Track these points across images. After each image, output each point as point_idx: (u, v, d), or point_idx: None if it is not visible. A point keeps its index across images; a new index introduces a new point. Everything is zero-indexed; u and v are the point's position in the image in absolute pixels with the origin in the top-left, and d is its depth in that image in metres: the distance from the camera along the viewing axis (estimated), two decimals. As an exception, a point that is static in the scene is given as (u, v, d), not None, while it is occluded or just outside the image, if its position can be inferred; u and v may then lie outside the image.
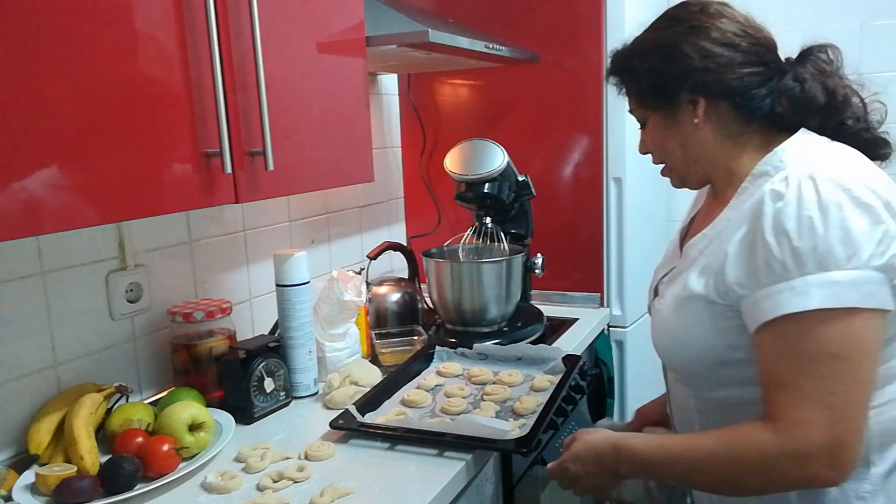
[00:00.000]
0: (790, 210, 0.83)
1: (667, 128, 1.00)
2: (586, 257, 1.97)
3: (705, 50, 0.93)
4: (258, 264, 1.63)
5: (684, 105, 0.97)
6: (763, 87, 0.93)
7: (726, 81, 0.93)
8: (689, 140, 0.98)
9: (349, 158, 1.34)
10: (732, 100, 0.94)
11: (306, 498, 1.01)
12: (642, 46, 1.00)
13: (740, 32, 0.94)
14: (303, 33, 1.19)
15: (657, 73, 0.97)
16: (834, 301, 0.80)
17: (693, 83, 0.94)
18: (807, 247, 0.81)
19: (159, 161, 0.95)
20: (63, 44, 0.82)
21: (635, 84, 1.02)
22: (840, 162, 0.89)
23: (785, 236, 0.82)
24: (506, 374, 1.43)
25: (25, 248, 1.16)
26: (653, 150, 1.05)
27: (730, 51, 0.93)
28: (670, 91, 0.97)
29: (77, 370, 1.24)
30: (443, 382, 1.42)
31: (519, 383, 1.40)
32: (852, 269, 0.80)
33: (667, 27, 0.98)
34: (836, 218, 0.81)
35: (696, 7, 0.97)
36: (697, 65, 0.93)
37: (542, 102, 1.97)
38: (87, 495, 0.98)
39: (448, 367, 1.48)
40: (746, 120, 0.96)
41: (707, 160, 0.99)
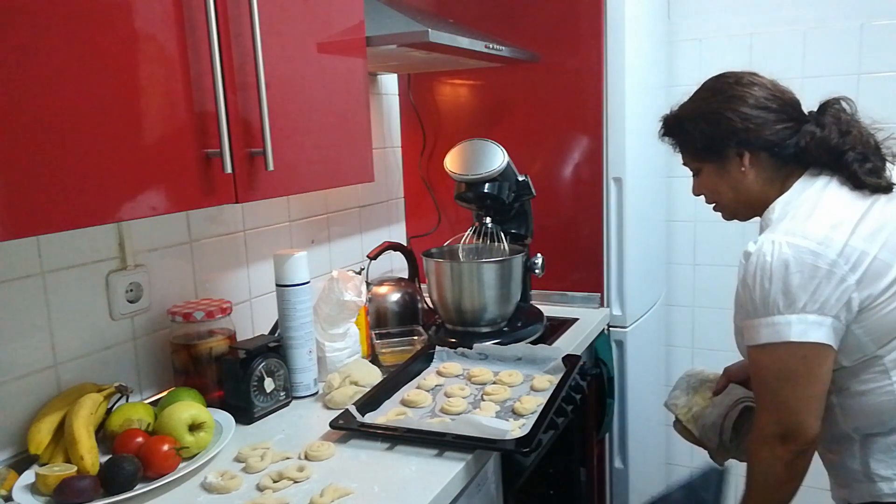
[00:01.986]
0: (750, 268, 1.10)
1: (719, 176, 1.23)
2: (586, 257, 1.97)
3: (745, 114, 1.17)
4: (258, 264, 1.63)
5: (732, 157, 1.20)
6: (793, 138, 1.17)
7: (764, 137, 1.17)
8: (738, 184, 1.22)
9: (349, 158, 1.34)
10: (770, 150, 1.18)
11: (306, 498, 1.02)
12: (691, 114, 1.24)
13: (770, 97, 1.18)
14: (303, 33, 1.19)
15: (707, 134, 1.21)
16: (775, 336, 1.08)
17: (738, 140, 1.18)
18: (758, 297, 1.09)
19: (159, 161, 0.95)
20: (63, 43, 0.82)
21: (689, 143, 1.25)
22: (809, 218, 1.10)
23: (748, 288, 1.10)
24: (506, 374, 1.43)
25: (25, 248, 1.16)
26: (706, 193, 1.29)
27: (764, 112, 1.17)
28: (719, 147, 1.20)
29: (77, 370, 1.24)
30: (443, 382, 1.42)
31: (519, 383, 1.41)
32: (790, 314, 1.06)
33: (710, 97, 1.22)
34: (780, 276, 1.06)
35: (732, 79, 1.21)
36: (739, 126, 1.17)
37: (542, 102, 1.97)
38: (87, 495, 0.98)
39: (448, 367, 1.47)
40: (781, 164, 1.19)
41: (753, 199, 1.22)
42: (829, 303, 1.06)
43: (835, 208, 1.12)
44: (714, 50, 2.34)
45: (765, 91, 1.18)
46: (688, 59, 2.37)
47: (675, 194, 2.48)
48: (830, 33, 2.20)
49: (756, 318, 1.10)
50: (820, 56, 2.22)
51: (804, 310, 1.06)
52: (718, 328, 2.47)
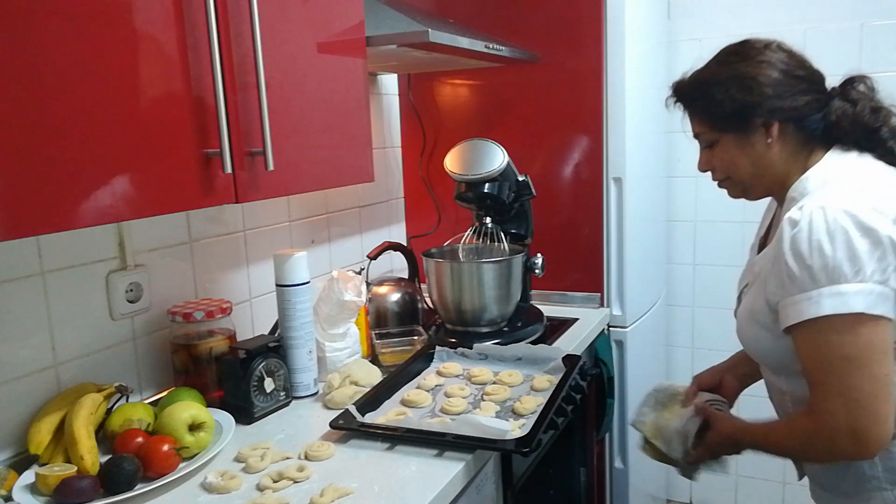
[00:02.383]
0: (802, 235, 0.99)
1: (740, 147, 1.14)
2: (586, 257, 1.97)
3: (777, 81, 1.09)
4: (258, 264, 1.63)
5: (758, 128, 1.11)
6: (821, 112, 1.10)
7: (795, 107, 1.09)
8: (760, 158, 1.13)
9: (349, 158, 1.34)
10: (798, 122, 1.10)
11: (306, 498, 1.02)
12: (719, 77, 1.14)
13: (799, 66, 1.11)
14: (303, 33, 1.19)
15: (737, 102, 1.10)
16: (842, 307, 0.96)
17: (769, 109, 1.09)
18: (818, 265, 0.97)
19: (159, 161, 0.95)
20: (63, 44, 0.82)
21: (713, 110, 1.15)
22: (854, 187, 1.03)
23: (800, 257, 0.99)
24: (506, 374, 1.43)
25: (25, 248, 1.16)
26: (720, 167, 1.18)
27: (795, 81, 1.09)
28: (747, 116, 1.10)
29: (77, 370, 1.24)
30: (443, 382, 1.42)
31: (519, 383, 1.40)
32: (858, 283, 0.96)
33: (738, 61, 1.13)
34: (842, 241, 0.97)
35: (760, 45, 1.13)
36: (771, 93, 1.08)
37: (542, 102, 1.97)
38: (87, 495, 0.98)
39: (448, 368, 1.47)
40: (806, 139, 1.12)
41: (773, 174, 1.14)
42: (891, 274, 0.97)
43: (878, 180, 1.05)
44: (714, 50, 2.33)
45: (795, 60, 1.11)
46: (688, 59, 2.35)
47: (675, 194, 2.48)
48: (830, 33, 2.20)
49: (815, 288, 0.98)
50: (820, 56, 2.19)
51: (872, 278, 0.96)
52: (718, 328, 2.48)
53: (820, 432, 1.03)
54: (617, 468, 2.06)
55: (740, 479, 2.55)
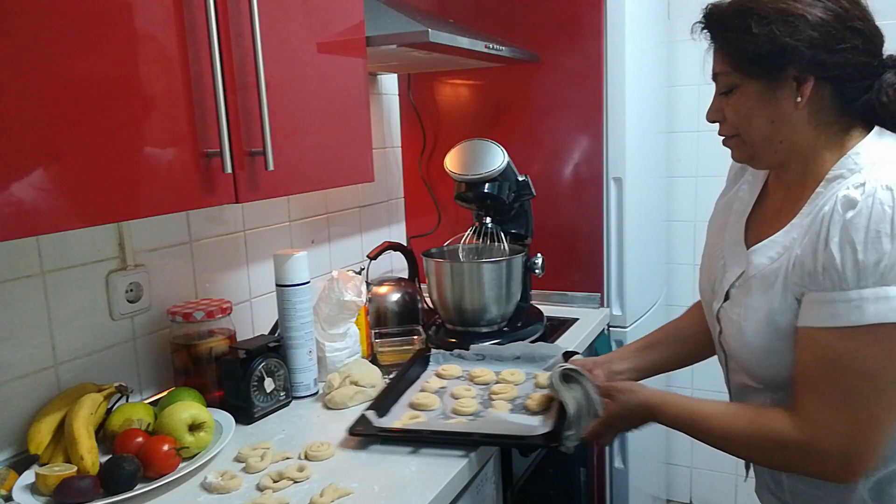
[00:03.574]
0: (860, 221, 0.82)
1: (761, 100, 0.94)
2: (586, 257, 1.97)
3: (831, 27, 0.88)
4: (258, 264, 1.63)
5: (789, 81, 0.92)
6: (870, 79, 0.91)
7: (841, 65, 0.89)
8: (781, 118, 0.94)
9: (349, 158, 1.34)
10: (840, 86, 0.91)
11: (306, 498, 1.01)
12: (763, 8, 0.91)
13: (863, 17, 0.91)
14: (303, 33, 1.19)
15: (775, 41, 0.89)
16: (890, 315, 0.81)
17: (810, 59, 0.89)
18: (870, 261, 0.81)
19: (159, 161, 0.95)
20: (63, 43, 0.82)
21: (743, 46, 0.93)
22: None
23: (850, 247, 0.83)
24: (507, 373, 1.42)
25: (25, 248, 1.16)
26: (732, 120, 0.98)
27: (853, 35, 0.89)
28: (783, 62, 0.90)
29: (77, 370, 1.24)
30: (445, 385, 1.41)
31: (523, 381, 1.39)
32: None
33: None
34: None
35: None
36: (819, 42, 0.88)
37: (542, 102, 1.97)
38: (87, 495, 0.98)
39: (447, 370, 1.46)
40: (842, 110, 0.93)
41: (792, 143, 0.95)
42: None
43: None
44: (714, 50, 2.33)
45: (859, 9, 0.91)
46: (688, 59, 2.37)
47: (675, 194, 2.48)
48: (830, 33, 2.19)
49: (857, 288, 0.82)
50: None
51: None
52: (718, 328, 2.48)
53: (804, 443, 0.88)
54: (617, 468, 2.06)
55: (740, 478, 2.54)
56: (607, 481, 2.04)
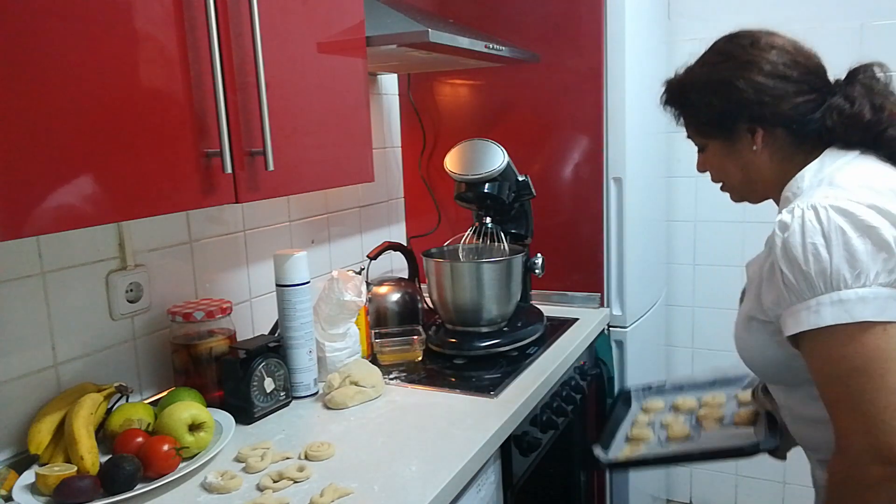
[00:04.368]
0: (795, 239, 0.90)
1: (727, 154, 1.07)
2: (586, 257, 1.97)
3: (760, 84, 1.00)
4: (258, 264, 1.63)
5: (742, 133, 1.04)
6: (816, 112, 1.00)
7: (781, 112, 1.00)
8: (748, 164, 1.06)
9: (349, 158, 1.34)
10: (789, 127, 1.01)
11: (306, 498, 1.02)
12: (698, 81, 1.06)
13: (791, 63, 1.01)
14: (303, 33, 1.20)
15: (715, 107, 1.04)
16: (845, 317, 0.87)
17: (750, 115, 1.01)
18: (815, 271, 0.88)
19: (159, 161, 0.95)
20: (63, 44, 0.82)
21: (694, 116, 1.09)
22: (852, 185, 0.94)
23: (794, 263, 0.90)
24: (709, 397, 1.40)
25: (25, 248, 1.16)
26: (713, 172, 1.13)
27: (783, 83, 1.00)
28: (728, 123, 1.04)
29: (77, 370, 1.24)
30: (653, 419, 1.39)
31: (724, 402, 1.38)
32: (860, 287, 0.86)
33: (720, 62, 1.05)
34: (839, 242, 0.88)
35: (747, 41, 1.05)
36: (753, 98, 1.00)
37: (542, 102, 1.97)
38: (87, 495, 0.98)
39: (651, 405, 1.44)
40: (799, 141, 1.02)
41: (765, 181, 1.07)
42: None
43: (879, 179, 0.95)
44: (714, 50, 2.33)
45: (784, 56, 1.01)
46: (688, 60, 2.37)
47: (675, 194, 2.48)
48: (830, 33, 2.20)
49: (813, 297, 0.89)
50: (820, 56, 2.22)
51: (876, 281, 0.86)
52: (718, 328, 2.48)
53: (845, 459, 0.90)
54: (617, 468, 2.06)
55: (740, 478, 2.55)
56: (607, 481, 2.04)
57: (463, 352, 1.62)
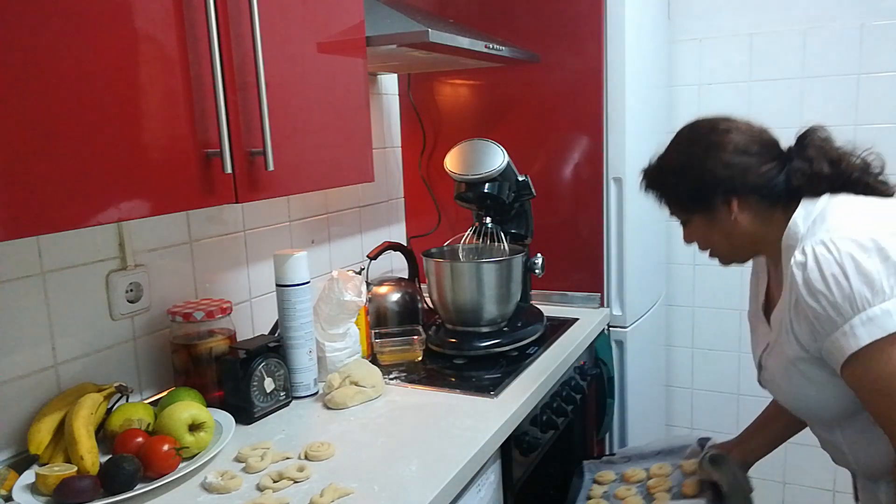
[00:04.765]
0: (815, 275, 0.99)
1: (709, 226, 1.18)
2: (586, 257, 1.97)
3: (727, 162, 1.11)
4: (258, 264, 1.63)
5: (720, 206, 1.14)
6: (780, 176, 1.11)
7: (750, 182, 1.11)
8: (730, 232, 1.16)
9: (349, 158, 1.34)
10: (759, 193, 1.12)
11: (306, 498, 1.02)
12: (673, 167, 1.19)
13: (749, 139, 1.13)
14: (303, 33, 1.20)
15: (691, 187, 1.16)
16: (878, 332, 0.95)
17: (724, 189, 1.12)
18: (839, 298, 0.97)
19: (159, 161, 0.95)
20: (63, 44, 0.82)
21: (674, 197, 1.21)
22: (844, 216, 1.04)
23: (821, 295, 0.99)
24: (656, 468, 1.48)
25: (25, 248, 1.16)
26: (699, 243, 1.23)
27: (746, 157, 1.11)
28: (706, 199, 1.14)
29: (77, 370, 1.24)
30: (606, 489, 1.48)
31: (671, 472, 1.46)
32: (883, 302, 0.95)
33: (688, 148, 1.17)
34: (853, 267, 0.97)
35: (707, 127, 1.16)
36: (723, 174, 1.11)
37: (542, 102, 1.97)
38: (87, 495, 0.98)
39: (603, 476, 1.52)
40: (773, 201, 1.13)
41: (750, 243, 1.17)
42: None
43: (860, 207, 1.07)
44: (714, 50, 2.34)
45: (742, 135, 1.13)
46: (688, 59, 2.37)
47: (675, 194, 2.48)
48: (830, 33, 2.20)
49: (845, 322, 0.98)
50: (820, 56, 2.22)
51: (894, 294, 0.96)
52: (718, 328, 2.48)
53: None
54: (617, 468, 2.06)
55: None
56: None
57: (463, 352, 1.62)
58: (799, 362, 1.09)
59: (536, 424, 1.47)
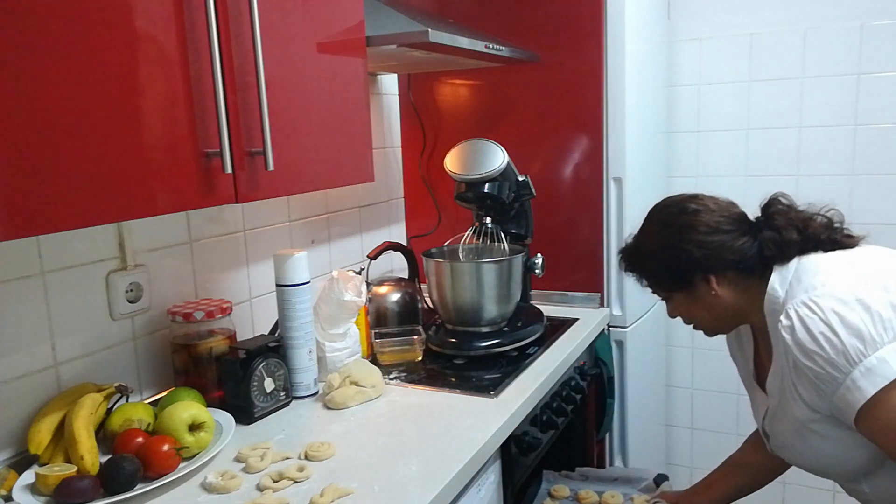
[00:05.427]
0: (804, 335, 1.02)
1: (692, 302, 1.21)
2: (586, 257, 1.97)
3: (701, 242, 1.15)
4: (258, 264, 1.63)
5: (700, 283, 1.17)
6: (753, 248, 1.15)
7: (726, 258, 1.15)
8: (713, 306, 1.19)
9: (349, 158, 1.34)
10: (736, 267, 1.15)
11: (306, 498, 1.02)
12: (650, 250, 1.22)
13: (719, 218, 1.16)
14: (303, 33, 1.19)
15: (671, 269, 1.19)
16: (881, 381, 0.97)
17: (702, 268, 1.16)
18: (834, 354, 1.00)
19: (159, 161, 0.95)
20: (63, 44, 0.82)
21: (655, 278, 1.24)
22: (818, 276, 1.08)
23: (815, 354, 1.01)
24: (608, 495, 1.49)
25: (25, 248, 1.16)
26: (683, 317, 1.26)
27: (719, 235, 1.15)
28: (685, 279, 1.18)
29: (77, 370, 1.24)
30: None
31: (622, 502, 1.47)
32: (878, 351, 0.98)
33: (661, 231, 1.20)
34: (839, 322, 1.00)
35: (676, 209, 1.20)
36: (699, 255, 1.15)
37: (542, 102, 1.97)
38: (87, 495, 0.98)
39: (558, 490, 1.53)
40: (749, 272, 1.16)
41: (733, 314, 1.20)
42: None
43: (832, 263, 1.10)
44: (714, 50, 2.34)
45: (711, 214, 1.17)
46: (688, 59, 2.37)
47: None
48: (830, 33, 2.20)
49: (846, 377, 1.00)
50: (820, 56, 2.22)
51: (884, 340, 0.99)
52: (718, 328, 2.48)
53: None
54: (617, 468, 2.06)
55: (740, 479, 2.54)
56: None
57: (463, 352, 1.62)
58: (812, 423, 1.10)
59: (536, 424, 1.47)
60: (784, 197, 1.20)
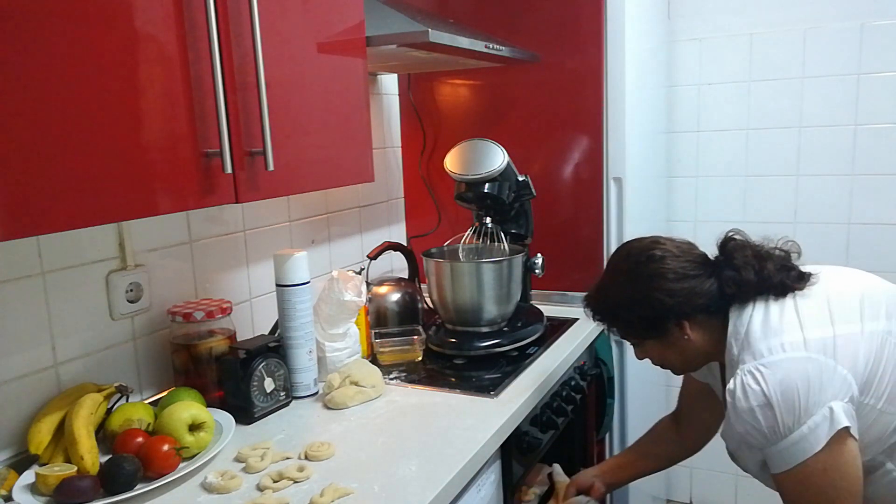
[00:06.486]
0: (742, 405, 1.07)
1: (664, 347, 1.23)
2: (586, 257, 1.97)
3: (671, 290, 1.16)
4: (258, 264, 1.63)
5: (673, 329, 1.20)
6: (714, 288, 1.17)
7: (696, 302, 1.17)
8: (684, 349, 1.22)
9: (349, 158, 1.34)
10: (706, 311, 1.18)
11: (306, 498, 1.02)
12: (618, 300, 1.23)
13: (684, 263, 1.18)
14: (303, 33, 1.19)
15: (644, 318, 1.20)
16: (808, 451, 1.04)
17: (675, 315, 1.18)
18: (765, 427, 1.06)
19: (159, 161, 0.95)
20: (63, 44, 0.82)
21: (627, 328, 1.26)
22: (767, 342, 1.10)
23: (748, 424, 1.08)
24: None
25: (25, 248, 1.16)
26: (653, 361, 1.29)
27: (687, 281, 1.17)
28: (658, 326, 1.20)
29: (77, 370, 1.24)
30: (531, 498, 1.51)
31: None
32: (806, 421, 1.04)
33: (630, 281, 1.20)
34: (777, 399, 1.04)
35: (642, 257, 1.20)
36: (671, 303, 1.16)
37: (542, 102, 1.97)
38: (87, 495, 0.98)
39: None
40: (716, 314, 1.19)
41: (701, 353, 1.23)
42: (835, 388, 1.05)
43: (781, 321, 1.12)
44: (714, 50, 2.34)
45: (676, 260, 1.18)
46: (688, 59, 2.37)
47: (675, 194, 2.48)
48: (830, 33, 2.20)
49: (774, 445, 1.07)
50: (820, 56, 2.22)
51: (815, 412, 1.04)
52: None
53: None
54: (617, 468, 2.06)
55: (740, 478, 2.54)
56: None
57: (463, 352, 1.62)
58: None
59: (536, 424, 1.47)
60: (738, 233, 1.23)
